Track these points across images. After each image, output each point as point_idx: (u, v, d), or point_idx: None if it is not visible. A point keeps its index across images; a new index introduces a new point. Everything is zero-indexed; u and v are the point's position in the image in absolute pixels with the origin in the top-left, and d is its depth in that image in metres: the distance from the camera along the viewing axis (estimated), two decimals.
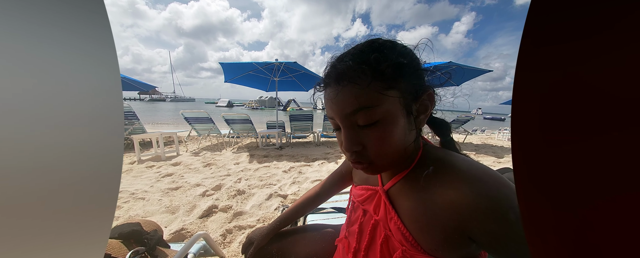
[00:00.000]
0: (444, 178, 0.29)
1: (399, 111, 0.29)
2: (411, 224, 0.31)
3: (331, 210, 0.99)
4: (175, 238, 1.32)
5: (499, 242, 0.24)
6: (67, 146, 0.18)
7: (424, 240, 0.30)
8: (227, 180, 2.23)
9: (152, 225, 0.76)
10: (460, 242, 0.28)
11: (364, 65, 0.28)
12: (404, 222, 0.32)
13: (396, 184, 0.35)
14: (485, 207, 0.25)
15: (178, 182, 2.14)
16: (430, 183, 0.30)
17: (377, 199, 0.38)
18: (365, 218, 0.40)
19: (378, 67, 0.27)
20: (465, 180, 0.27)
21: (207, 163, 2.90)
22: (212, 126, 4.06)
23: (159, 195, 1.84)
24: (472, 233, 0.26)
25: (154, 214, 1.55)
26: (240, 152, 3.61)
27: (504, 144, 5.42)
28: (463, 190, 0.26)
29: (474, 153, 4.00)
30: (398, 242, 0.33)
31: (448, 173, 0.29)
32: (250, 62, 4.39)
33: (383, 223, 0.36)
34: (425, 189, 0.31)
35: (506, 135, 6.83)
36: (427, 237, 0.30)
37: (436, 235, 0.29)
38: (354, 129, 0.30)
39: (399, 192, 0.34)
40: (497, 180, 0.26)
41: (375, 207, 0.38)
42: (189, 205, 1.66)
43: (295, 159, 3.22)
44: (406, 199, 0.33)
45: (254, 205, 1.70)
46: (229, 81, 4.89)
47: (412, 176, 0.33)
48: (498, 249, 0.25)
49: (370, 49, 0.29)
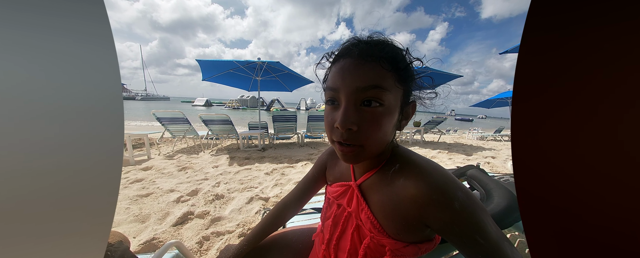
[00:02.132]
0: (407, 175, 0.34)
1: (397, 106, 0.32)
2: (379, 213, 0.36)
3: (311, 210, 1.00)
4: (145, 249, 1.22)
5: (446, 225, 0.30)
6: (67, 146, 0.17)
7: (389, 227, 0.35)
8: (205, 185, 2.12)
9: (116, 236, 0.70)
10: (418, 227, 0.33)
11: (393, 52, 0.32)
12: (373, 212, 0.37)
13: (368, 179, 0.39)
14: (436, 199, 0.30)
15: (149, 188, 1.98)
16: (395, 179, 0.35)
17: (350, 193, 0.41)
18: (338, 211, 0.44)
19: (401, 60, 0.32)
20: (422, 178, 0.32)
21: (182, 167, 2.73)
22: (188, 127, 3.83)
23: (127, 203, 1.69)
24: (428, 220, 0.32)
25: (121, 224, 1.42)
26: (220, 155, 3.46)
27: (473, 143, 5.91)
28: (420, 185, 0.31)
29: (447, 152, 4.30)
30: (368, 229, 0.37)
31: (410, 171, 0.34)
32: (231, 60, 4.23)
33: (355, 214, 0.39)
34: (392, 184, 0.35)
35: (475, 134, 7.46)
36: (392, 224, 0.35)
37: (399, 222, 0.34)
38: (356, 107, 0.30)
39: (370, 186, 0.38)
40: (446, 177, 0.32)
41: (348, 200, 0.41)
42: (161, 213, 1.55)
43: (278, 161, 3.17)
44: (376, 192, 0.37)
45: (234, 210, 1.64)
46: (207, 79, 4.65)
47: (382, 172, 0.37)
48: (446, 231, 0.30)
49: (393, 44, 0.33)
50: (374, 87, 0.29)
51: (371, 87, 0.29)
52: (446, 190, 0.30)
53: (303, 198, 0.58)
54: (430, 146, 5.03)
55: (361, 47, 0.31)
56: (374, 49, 0.31)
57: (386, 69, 0.30)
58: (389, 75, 0.30)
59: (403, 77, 0.32)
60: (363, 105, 0.30)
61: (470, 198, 0.30)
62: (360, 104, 0.30)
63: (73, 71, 0.17)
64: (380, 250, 0.36)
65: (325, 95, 0.34)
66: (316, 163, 0.56)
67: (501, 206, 0.70)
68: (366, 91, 0.29)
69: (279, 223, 0.58)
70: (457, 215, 0.29)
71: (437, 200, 0.30)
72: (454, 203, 0.29)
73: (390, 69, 0.30)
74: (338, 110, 0.31)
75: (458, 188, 0.31)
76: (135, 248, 1.21)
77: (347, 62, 0.31)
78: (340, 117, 0.30)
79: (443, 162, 3.44)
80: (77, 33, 0.18)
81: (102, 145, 0.19)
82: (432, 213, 0.31)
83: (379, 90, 0.29)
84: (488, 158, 3.88)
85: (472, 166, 0.95)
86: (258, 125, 4.61)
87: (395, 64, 0.31)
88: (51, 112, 0.16)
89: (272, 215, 0.58)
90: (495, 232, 0.30)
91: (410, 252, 0.35)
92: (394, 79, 0.30)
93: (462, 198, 0.30)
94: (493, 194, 0.76)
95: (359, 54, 0.30)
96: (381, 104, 0.30)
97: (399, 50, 0.33)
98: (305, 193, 0.57)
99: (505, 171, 3.00)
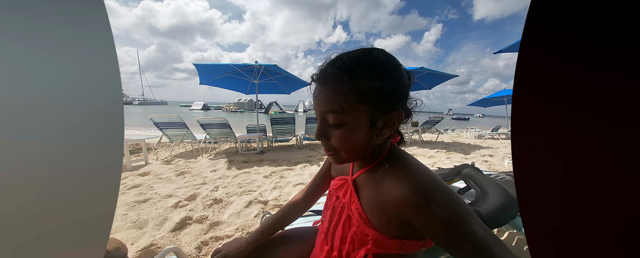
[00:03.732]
0: (392, 176, 0.36)
1: (363, 122, 0.34)
2: (366, 206, 0.39)
3: (310, 213, 1.00)
4: (143, 256, 1.21)
5: (428, 227, 0.32)
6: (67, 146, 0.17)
7: (374, 219, 0.37)
8: (203, 189, 2.11)
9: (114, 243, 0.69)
10: (399, 224, 0.35)
11: (347, 77, 0.33)
12: (362, 205, 0.40)
13: (361, 175, 0.42)
14: (415, 202, 0.32)
15: (146, 194, 1.96)
16: (383, 177, 0.37)
17: (346, 186, 0.45)
18: (337, 202, 0.47)
19: (357, 82, 0.33)
20: (405, 180, 0.34)
21: (180, 171, 2.71)
22: (185, 131, 3.81)
23: (124, 209, 1.68)
24: (409, 221, 0.33)
25: (119, 231, 1.41)
26: (218, 158, 3.44)
27: (471, 142, 5.94)
28: (402, 187, 0.33)
29: (445, 151, 4.32)
30: (355, 220, 0.40)
31: (397, 172, 0.36)
32: (229, 63, 4.24)
33: (347, 205, 0.43)
34: (380, 181, 0.38)
35: (473, 133, 7.51)
36: (376, 218, 0.37)
37: (382, 217, 0.36)
38: (325, 123, 0.37)
39: (363, 181, 0.42)
40: (429, 180, 0.34)
41: (344, 193, 0.45)
42: (159, 218, 1.54)
43: (277, 163, 3.17)
44: (366, 187, 0.40)
45: (233, 214, 1.64)
46: (205, 83, 4.65)
47: (374, 170, 0.40)
48: (430, 233, 0.32)
49: (360, 62, 0.34)
50: (329, 112, 0.34)
51: (327, 112, 0.35)
52: (425, 193, 0.31)
53: (312, 196, 0.62)
54: (429, 146, 5.05)
55: (326, 73, 0.35)
56: (331, 75, 0.34)
57: (342, 93, 0.32)
58: (345, 98, 0.32)
59: (364, 97, 0.33)
60: (330, 123, 0.35)
61: (452, 201, 0.31)
62: (329, 122, 0.35)
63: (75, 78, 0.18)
64: (364, 239, 0.39)
65: None
66: (325, 162, 0.62)
67: (497, 204, 0.71)
68: (327, 114, 0.35)
69: (289, 219, 0.61)
70: (436, 218, 0.30)
71: (416, 203, 0.31)
72: (432, 207, 0.30)
73: (347, 91, 0.32)
74: None
75: (439, 191, 0.31)
76: (133, 254, 1.20)
77: (316, 87, 0.36)
78: (316, 131, 0.38)
79: (441, 162, 3.45)
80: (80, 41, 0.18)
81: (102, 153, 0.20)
82: (412, 215, 0.32)
83: (333, 114, 0.34)
84: (486, 156, 3.91)
85: (467, 165, 0.96)
86: (256, 128, 4.60)
87: (353, 86, 0.32)
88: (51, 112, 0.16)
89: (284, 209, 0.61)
90: (482, 233, 0.29)
91: (392, 245, 0.36)
92: (352, 99, 0.32)
93: (442, 201, 0.31)
94: (489, 192, 0.77)
95: (323, 79, 0.35)
96: (341, 124, 0.34)
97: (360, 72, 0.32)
98: (314, 190, 0.62)
99: (502, 169, 3.02)
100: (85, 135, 0.19)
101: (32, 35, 0.16)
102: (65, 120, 0.18)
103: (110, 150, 0.20)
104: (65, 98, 0.18)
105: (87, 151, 0.19)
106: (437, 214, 0.30)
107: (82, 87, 0.19)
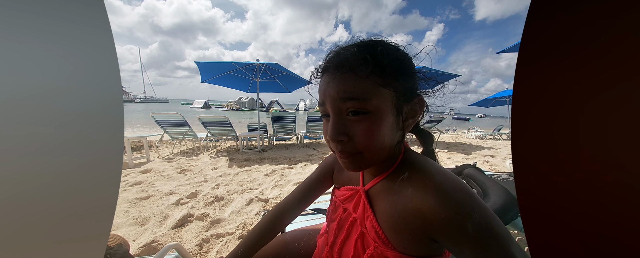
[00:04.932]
0: (416, 185, 0.31)
1: (389, 109, 0.29)
2: (384, 223, 0.33)
3: (311, 211, 1.01)
4: (145, 252, 1.22)
5: (456, 246, 0.27)
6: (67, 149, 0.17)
7: (394, 239, 0.32)
8: (204, 187, 2.12)
9: (116, 239, 0.70)
10: (425, 242, 0.30)
11: (368, 56, 0.28)
12: (379, 221, 0.34)
13: (376, 185, 0.36)
14: (446, 218, 0.27)
15: (148, 191, 1.98)
16: (403, 188, 0.32)
17: (357, 198, 0.39)
18: (344, 215, 0.42)
19: (381, 61, 0.28)
20: (433, 190, 0.29)
21: (181, 169, 2.72)
22: (187, 129, 3.82)
23: (126, 206, 1.69)
24: (435, 236, 0.29)
25: (120, 227, 1.42)
26: (219, 156, 3.46)
27: (472, 142, 5.92)
28: (429, 199, 0.28)
29: (446, 151, 4.31)
30: (372, 239, 0.34)
31: (420, 181, 0.31)
32: (230, 61, 4.23)
33: (360, 221, 0.37)
34: (399, 192, 0.32)
35: (474, 133, 7.48)
36: (397, 236, 0.32)
37: (405, 235, 0.31)
38: (342, 118, 0.30)
39: (378, 193, 0.36)
40: (461, 192, 0.28)
41: (355, 206, 0.39)
42: (160, 216, 1.55)
43: (277, 162, 3.17)
44: (383, 200, 0.35)
45: (233, 212, 1.64)
46: (206, 81, 4.66)
47: (391, 178, 0.34)
48: (457, 252, 0.27)
49: (375, 44, 0.30)
50: (351, 99, 0.28)
51: (348, 99, 0.29)
52: (458, 209, 0.26)
53: (304, 202, 0.54)
54: None
55: (335, 60, 0.30)
56: (347, 58, 0.29)
57: (362, 76, 0.28)
58: (367, 82, 0.28)
59: (389, 78, 0.29)
60: (350, 115, 0.30)
61: (489, 219, 0.26)
62: (347, 115, 0.30)
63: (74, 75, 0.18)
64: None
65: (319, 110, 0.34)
66: (322, 166, 0.52)
67: (498, 204, 0.71)
68: (345, 102, 0.29)
69: (278, 229, 0.53)
70: (469, 239, 0.25)
71: (447, 218, 0.27)
72: (466, 225, 0.25)
73: (369, 74, 0.28)
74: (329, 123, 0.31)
75: (474, 208, 0.26)
76: (135, 251, 1.21)
77: (327, 76, 0.31)
78: (330, 131, 0.30)
79: (442, 162, 3.44)
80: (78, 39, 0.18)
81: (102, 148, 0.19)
82: (440, 231, 0.28)
83: (357, 100, 0.28)
84: (487, 157, 3.89)
85: (468, 165, 0.96)
86: (257, 126, 4.61)
87: (375, 66, 0.28)
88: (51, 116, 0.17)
89: (269, 220, 0.52)
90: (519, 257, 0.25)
91: None
92: (376, 83, 0.28)
93: (478, 219, 0.26)
94: (490, 193, 0.77)
95: (334, 66, 0.30)
96: (366, 111, 0.29)
97: (382, 49, 0.30)
98: (306, 196, 0.53)
99: (504, 170, 3.01)
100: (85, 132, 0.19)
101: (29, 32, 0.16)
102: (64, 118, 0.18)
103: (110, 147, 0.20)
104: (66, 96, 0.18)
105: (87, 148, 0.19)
106: (471, 234, 0.25)
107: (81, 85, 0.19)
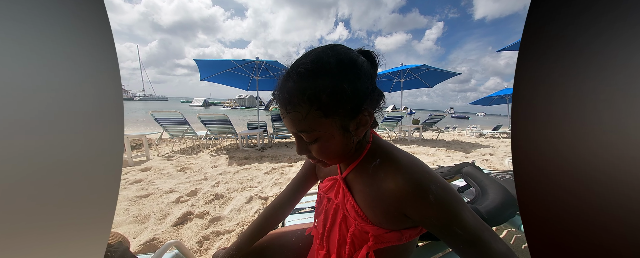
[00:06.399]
0: (387, 169, 0.36)
1: (335, 131, 0.34)
2: (362, 203, 0.39)
3: (309, 209, 1.01)
4: (145, 250, 1.23)
5: (424, 217, 0.33)
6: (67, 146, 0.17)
7: (372, 215, 0.37)
8: (204, 185, 2.12)
9: (116, 237, 0.70)
10: (398, 217, 0.36)
11: (305, 98, 0.31)
12: (357, 202, 0.39)
13: (351, 172, 0.42)
14: (412, 193, 0.33)
15: (148, 189, 1.98)
16: (376, 172, 0.37)
17: (337, 186, 0.44)
18: (328, 204, 0.46)
19: (319, 98, 0.31)
20: (401, 173, 0.35)
21: (181, 167, 2.73)
22: (186, 127, 3.82)
23: (126, 203, 1.69)
24: (406, 212, 0.34)
25: (121, 225, 1.43)
26: (219, 155, 3.46)
27: (471, 141, 5.94)
28: (398, 180, 0.34)
29: (445, 149, 4.32)
30: (352, 218, 0.39)
31: (390, 165, 0.36)
32: (229, 59, 4.22)
33: (341, 205, 0.42)
34: (373, 176, 0.38)
35: (474, 132, 7.50)
36: (373, 213, 0.37)
37: (380, 212, 0.37)
38: (302, 141, 0.36)
39: (354, 178, 0.41)
40: (422, 171, 0.35)
41: (336, 193, 0.44)
42: (160, 213, 1.55)
43: (277, 160, 3.18)
44: (359, 183, 0.40)
45: (233, 209, 1.65)
46: (205, 79, 4.64)
47: (363, 165, 0.40)
48: (425, 222, 0.34)
49: (312, 77, 0.31)
50: (301, 131, 0.34)
51: (299, 131, 0.34)
52: (421, 183, 0.33)
53: (294, 199, 0.58)
54: (429, 144, 5.05)
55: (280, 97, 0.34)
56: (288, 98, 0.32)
57: (304, 113, 0.32)
58: (309, 118, 0.32)
59: (328, 110, 0.31)
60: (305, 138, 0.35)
61: (446, 190, 0.32)
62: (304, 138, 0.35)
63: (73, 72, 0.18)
64: (364, 237, 0.39)
65: None
66: (305, 164, 0.57)
67: (496, 202, 0.71)
68: (298, 133, 0.35)
69: (272, 225, 0.58)
70: (432, 207, 0.32)
71: (413, 193, 0.33)
72: (428, 196, 0.32)
73: (309, 111, 0.31)
74: None
75: (432, 182, 0.33)
76: (135, 248, 1.22)
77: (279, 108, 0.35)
78: (296, 149, 0.38)
79: (442, 160, 3.45)
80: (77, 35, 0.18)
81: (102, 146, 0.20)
82: (409, 205, 0.33)
83: (305, 133, 0.34)
84: (486, 155, 3.91)
85: (467, 163, 0.97)
86: (257, 124, 4.61)
87: (314, 104, 0.31)
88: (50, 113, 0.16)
89: (263, 217, 0.58)
90: (473, 222, 0.32)
91: (392, 237, 0.37)
92: (318, 116, 0.32)
93: (436, 191, 0.32)
94: (488, 191, 0.77)
95: (281, 103, 0.34)
96: (315, 139, 0.34)
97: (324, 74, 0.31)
98: (296, 193, 0.58)
99: (502, 168, 3.03)
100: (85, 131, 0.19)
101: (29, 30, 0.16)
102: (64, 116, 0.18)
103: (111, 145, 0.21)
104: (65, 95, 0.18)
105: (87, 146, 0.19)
106: (433, 203, 0.32)
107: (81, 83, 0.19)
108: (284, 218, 0.59)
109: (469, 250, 0.32)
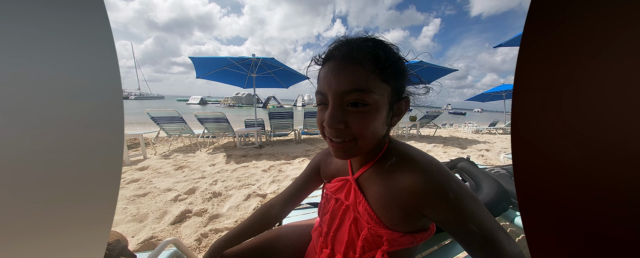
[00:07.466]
0: (404, 168, 0.35)
1: (384, 104, 0.33)
2: (376, 205, 0.37)
3: (308, 205, 1.02)
4: (144, 248, 1.23)
5: (442, 214, 0.32)
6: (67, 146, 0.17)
7: (386, 218, 0.36)
8: (202, 183, 2.12)
9: (114, 236, 0.70)
10: (415, 217, 0.35)
11: (375, 52, 0.31)
12: (370, 204, 0.38)
13: (365, 173, 0.40)
14: (431, 190, 0.32)
15: (146, 188, 1.98)
16: (392, 172, 0.36)
17: (348, 187, 0.42)
18: (336, 205, 0.45)
19: (385, 59, 0.31)
20: (419, 171, 0.34)
21: (179, 166, 2.72)
22: (183, 126, 3.79)
23: (124, 203, 1.69)
24: (424, 210, 0.33)
25: (119, 224, 1.42)
26: (217, 153, 3.45)
27: (468, 137, 5.99)
28: (417, 178, 0.33)
29: (442, 145, 4.36)
30: (365, 221, 0.38)
31: (407, 164, 0.35)
32: (225, 57, 4.16)
33: (353, 207, 0.40)
34: (389, 176, 0.36)
35: (470, 128, 7.56)
36: (389, 215, 0.36)
37: (396, 213, 0.35)
38: (342, 108, 0.32)
39: (367, 179, 0.39)
40: (441, 169, 0.34)
41: (346, 194, 0.42)
42: (159, 212, 1.55)
43: (275, 158, 3.18)
44: (373, 185, 0.38)
45: (232, 207, 1.66)
46: (201, 77, 4.59)
47: (378, 165, 0.38)
48: (442, 220, 0.32)
49: (381, 42, 0.34)
50: (357, 90, 0.30)
51: (354, 91, 0.30)
52: (441, 181, 0.32)
53: (295, 199, 0.56)
54: (426, 140, 5.09)
55: (343, 50, 0.32)
56: (356, 50, 0.31)
57: (368, 70, 0.30)
58: (372, 76, 0.30)
59: (389, 76, 0.32)
60: (349, 105, 0.32)
61: (463, 189, 0.32)
62: (347, 105, 0.32)
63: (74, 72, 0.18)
64: (378, 241, 0.37)
65: (315, 98, 0.36)
66: (309, 165, 0.56)
67: (490, 196, 0.73)
68: (350, 94, 0.31)
69: (268, 222, 0.56)
70: (451, 204, 0.31)
71: (433, 190, 0.32)
72: (448, 194, 0.31)
73: (374, 69, 0.30)
74: (327, 110, 0.33)
75: (451, 180, 0.32)
76: (134, 247, 1.22)
77: (331, 66, 0.32)
78: (328, 118, 0.32)
79: (438, 156, 3.49)
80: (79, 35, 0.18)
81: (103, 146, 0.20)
82: (428, 203, 0.32)
83: (361, 93, 0.30)
84: (482, 151, 3.95)
85: (462, 159, 0.98)
86: (255, 122, 4.59)
87: (379, 63, 0.31)
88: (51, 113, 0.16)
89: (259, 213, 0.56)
90: (490, 221, 0.31)
91: (406, 241, 0.36)
92: (379, 79, 0.31)
93: (456, 189, 0.31)
94: (482, 185, 0.78)
95: (342, 56, 0.31)
96: (366, 104, 0.31)
97: (385, 48, 0.33)
98: (298, 193, 0.56)
99: (498, 163, 3.07)
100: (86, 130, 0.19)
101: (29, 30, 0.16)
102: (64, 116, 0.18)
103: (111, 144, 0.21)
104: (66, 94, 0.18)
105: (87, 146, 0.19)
106: (452, 201, 0.31)
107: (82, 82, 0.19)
108: (281, 218, 0.58)
109: (483, 249, 0.30)
